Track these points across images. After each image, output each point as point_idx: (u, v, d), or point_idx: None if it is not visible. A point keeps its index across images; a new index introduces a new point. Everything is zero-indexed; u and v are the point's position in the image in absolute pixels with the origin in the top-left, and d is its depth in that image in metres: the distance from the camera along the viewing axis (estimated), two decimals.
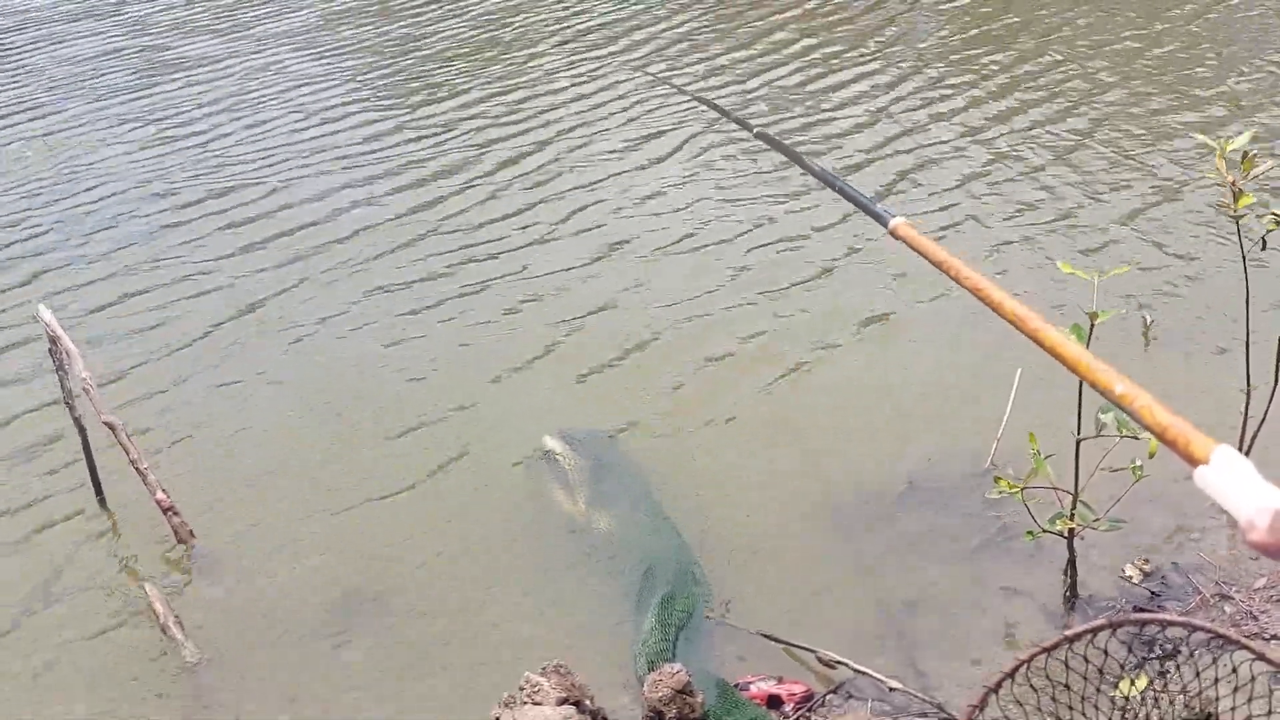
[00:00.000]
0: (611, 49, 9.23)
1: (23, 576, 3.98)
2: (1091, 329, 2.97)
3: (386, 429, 4.63)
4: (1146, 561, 3.54)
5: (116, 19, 11.44)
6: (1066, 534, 3.30)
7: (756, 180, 6.63)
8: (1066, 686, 2.53)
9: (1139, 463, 3.10)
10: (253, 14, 11.12)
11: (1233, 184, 3.18)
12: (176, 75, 9.44)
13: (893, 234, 1.98)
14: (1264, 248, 3.33)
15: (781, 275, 5.57)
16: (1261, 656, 2.28)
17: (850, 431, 4.39)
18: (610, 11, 10.17)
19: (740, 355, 4.95)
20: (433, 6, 10.76)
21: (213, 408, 4.86)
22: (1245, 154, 3.23)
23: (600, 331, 5.21)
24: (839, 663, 3.27)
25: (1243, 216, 3.21)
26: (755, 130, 3.09)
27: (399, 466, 4.39)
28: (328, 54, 9.72)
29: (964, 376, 4.64)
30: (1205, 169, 3.47)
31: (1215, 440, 1.30)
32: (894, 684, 3.17)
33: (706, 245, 5.92)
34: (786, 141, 5.67)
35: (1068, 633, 2.39)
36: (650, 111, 7.80)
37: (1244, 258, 3.42)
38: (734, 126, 6.72)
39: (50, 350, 4.12)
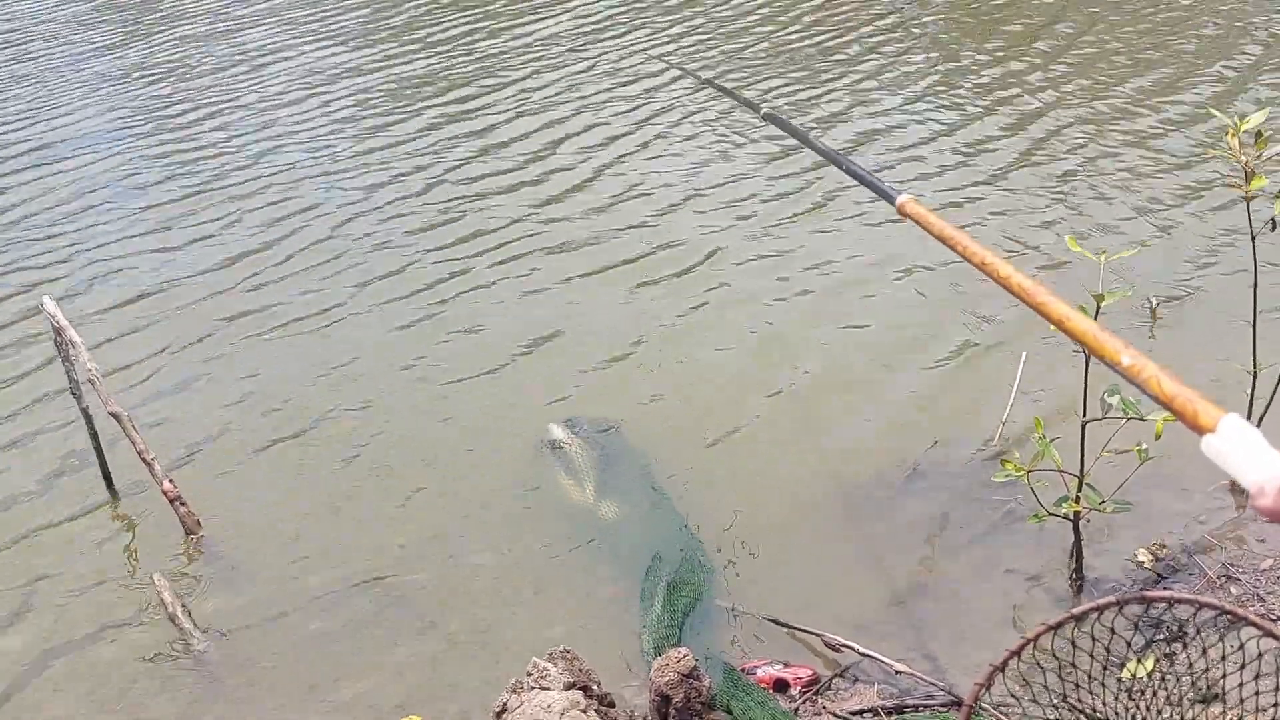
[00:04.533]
0: (616, 31, 9.23)
1: (30, 565, 3.99)
2: (1098, 310, 2.97)
3: (394, 418, 4.63)
4: (1162, 546, 3.53)
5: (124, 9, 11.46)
6: (1072, 517, 3.30)
7: (762, 164, 6.64)
8: (1074, 666, 2.52)
9: (1144, 445, 3.09)
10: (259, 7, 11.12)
11: (1246, 164, 3.16)
12: (184, 69, 9.44)
13: (900, 211, 1.99)
14: (1274, 228, 3.32)
15: (786, 261, 5.57)
16: (1269, 632, 2.28)
17: (856, 416, 4.39)
18: None
19: (745, 342, 4.95)
20: None
21: (220, 398, 4.86)
22: (1260, 133, 3.19)
23: (606, 321, 5.22)
24: (845, 646, 3.27)
25: (1255, 197, 3.19)
26: (763, 111, 3.09)
27: (406, 456, 4.39)
28: (337, 42, 9.71)
29: (969, 360, 4.64)
30: (1214, 149, 3.46)
31: (1223, 409, 1.30)
32: (900, 667, 3.18)
33: (709, 233, 5.92)
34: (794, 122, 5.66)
35: (1074, 610, 2.39)
36: (655, 95, 7.81)
37: (1253, 238, 3.41)
38: (741, 108, 6.73)
39: (56, 341, 4.12)
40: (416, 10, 10.48)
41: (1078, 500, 3.20)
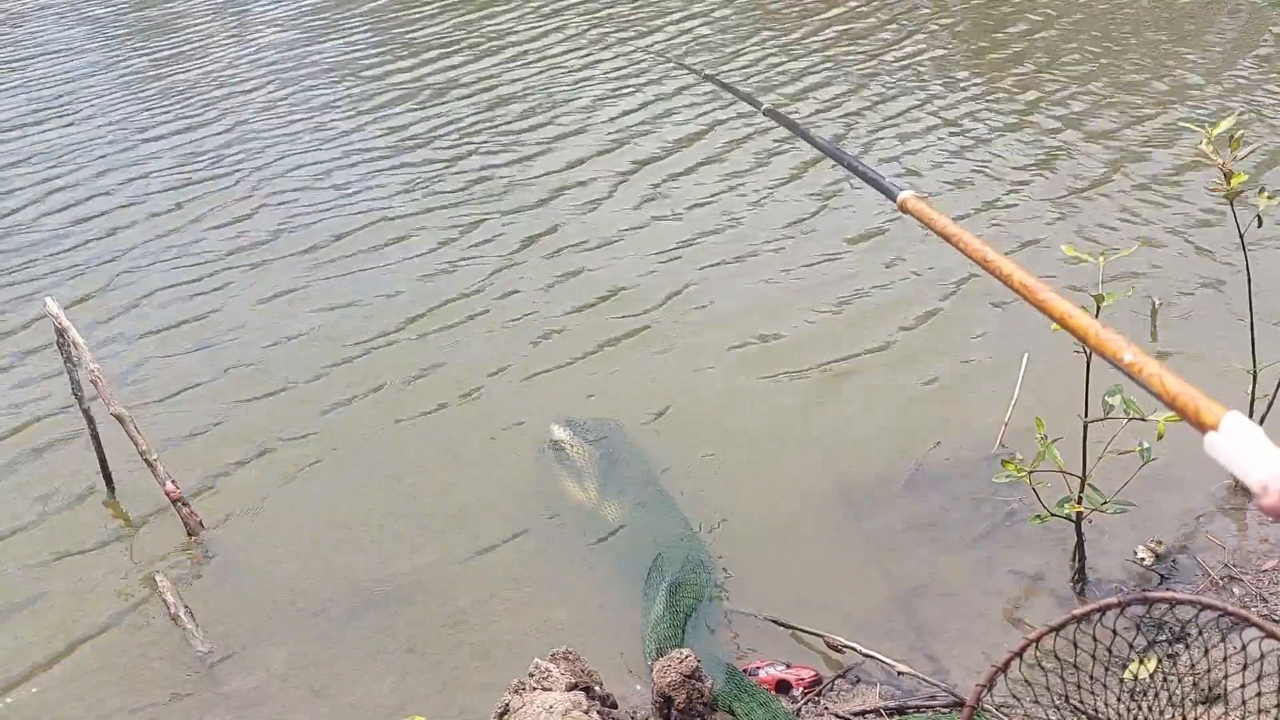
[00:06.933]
0: (613, 27, 9.23)
1: (33, 567, 3.99)
2: (1098, 312, 2.97)
3: (395, 419, 4.63)
4: (1159, 543, 3.53)
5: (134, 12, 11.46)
6: (1075, 517, 3.30)
7: (763, 162, 6.64)
8: (1075, 667, 2.52)
9: (1146, 445, 3.09)
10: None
11: (1223, 166, 3.20)
12: (188, 68, 9.45)
13: (901, 207, 1.98)
14: (1259, 225, 3.34)
15: (786, 260, 5.58)
16: (1271, 633, 2.28)
17: (858, 416, 4.39)
18: None
19: (747, 342, 4.95)
20: None
21: (221, 398, 4.86)
22: (1231, 136, 3.25)
23: (608, 320, 5.22)
24: (847, 647, 3.27)
25: (1239, 194, 3.22)
26: (764, 107, 3.09)
27: (408, 456, 4.40)
28: (324, 44, 9.71)
29: (971, 361, 4.64)
30: (1196, 152, 3.51)
31: (1226, 407, 1.30)
32: (902, 668, 3.18)
33: (708, 232, 5.93)
34: (794, 118, 5.64)
35: (1076, 611, 2.39)
36: (654, 90, 7.82)
37: (1242, 237, 3.43)
38: (742, 105, 6.74)
39: (58, 342, 4.12)
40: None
41: (1079, 501, 3.20)
